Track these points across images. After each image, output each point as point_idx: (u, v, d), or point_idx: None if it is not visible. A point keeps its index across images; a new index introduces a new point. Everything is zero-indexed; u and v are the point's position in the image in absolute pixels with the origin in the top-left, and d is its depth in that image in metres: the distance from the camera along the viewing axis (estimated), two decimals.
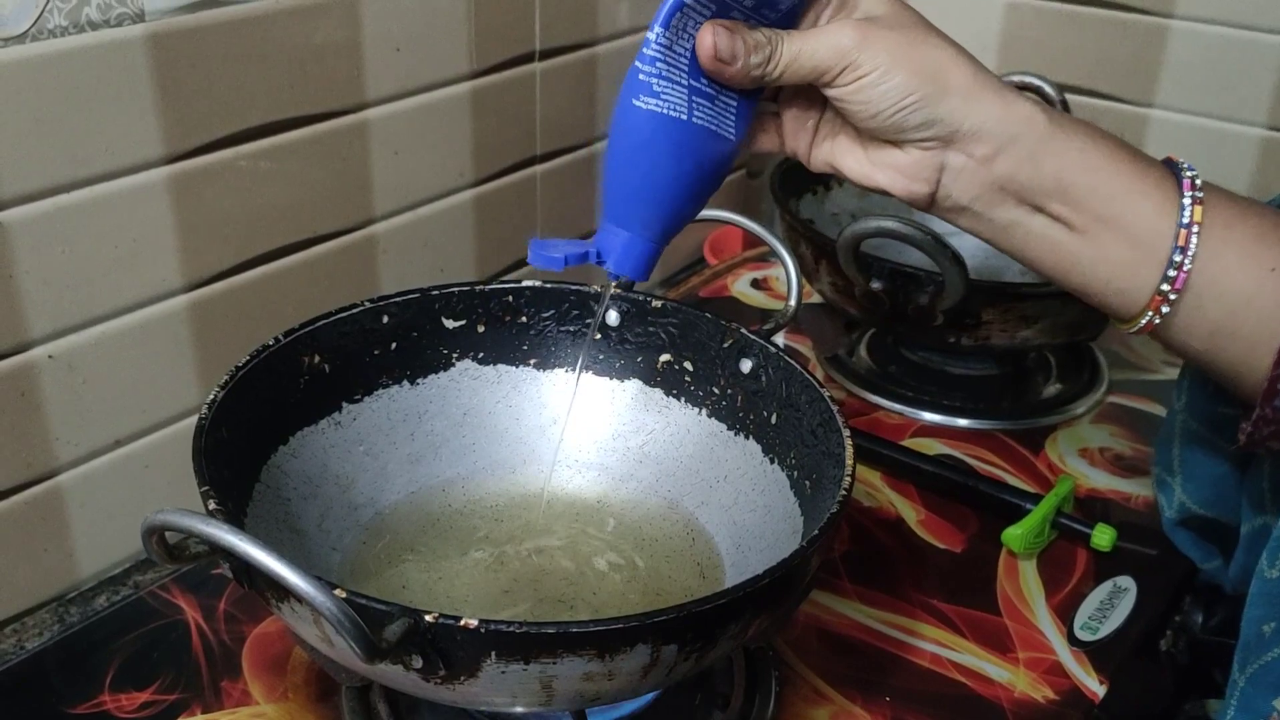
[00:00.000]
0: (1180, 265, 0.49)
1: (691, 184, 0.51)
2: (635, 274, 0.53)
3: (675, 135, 0.50)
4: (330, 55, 0.68)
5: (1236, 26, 0.94)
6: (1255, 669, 0.48)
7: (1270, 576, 0.49)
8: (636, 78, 0.49)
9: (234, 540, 0.37)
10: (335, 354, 0.57)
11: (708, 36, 0.48)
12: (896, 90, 0.48)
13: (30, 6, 0.54)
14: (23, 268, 0.57)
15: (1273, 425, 0.49)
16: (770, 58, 0.49)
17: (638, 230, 0.51)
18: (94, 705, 0.55)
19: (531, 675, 0.40)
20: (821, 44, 0.49)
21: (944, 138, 0.49)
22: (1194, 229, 0.48)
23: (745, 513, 0.57)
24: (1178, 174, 0.50)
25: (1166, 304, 0.49)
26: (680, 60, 0.49)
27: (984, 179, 0.50)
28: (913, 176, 0.51)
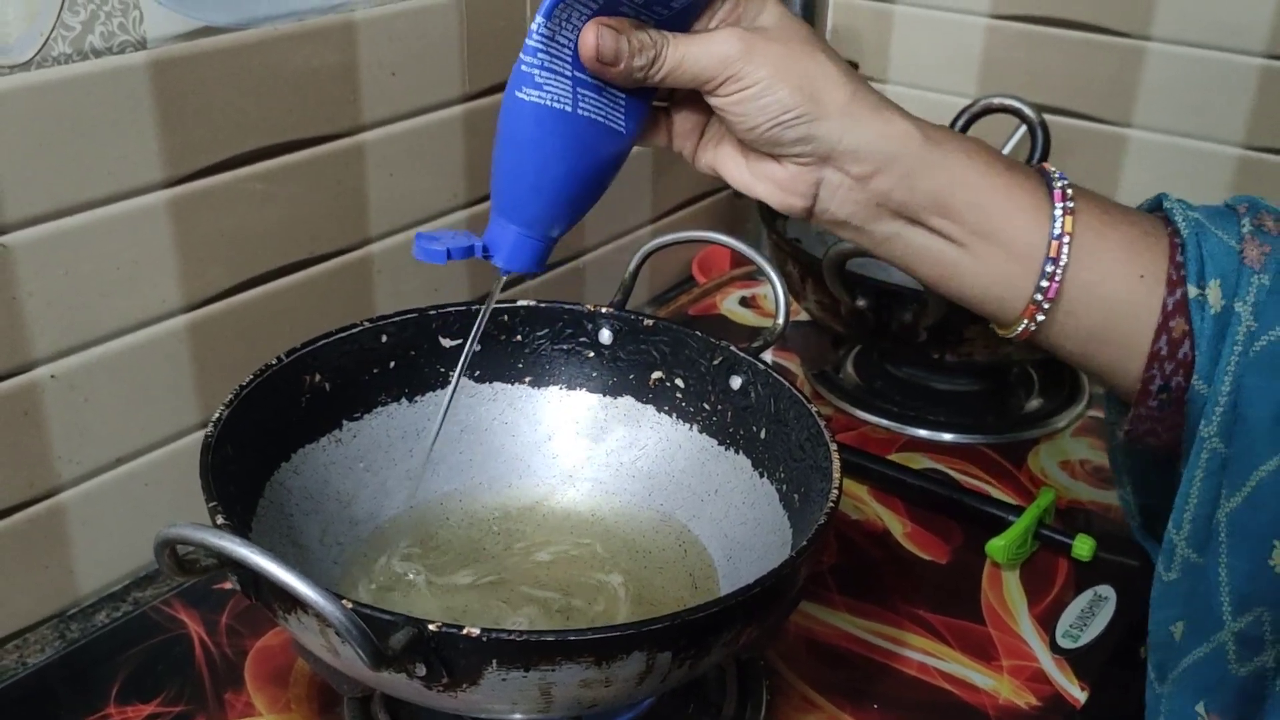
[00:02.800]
0: (1053, 275, 0.50)
1: (580, 178, 0.50)
2: (524, 268, 0.51)
3: (559, 127, 0.49)
4: (326, 80, 0.69)
5: (1212, 48, 0.96)
6: (1176, 675, 0.49)
7: (1169, 579, 0.51)
8: (519, 69, 0.48)
9: (245, 553, 0.38)
10: (336, 373, 0.58)
11: (590, 35, 0.47)
12: (775, 106, 0.48)
13: (35, 34, 0.55)
14: (26, 289, 0.58)
15: (1148, 423, 0.51)
16: (654, 60, 0.48)
17: (525, 224, 0.50)
18: (99, 718, 0.56)
19: (531, 682, 0.42)
20: (706, 51, 0.48)
21: (820, 155, 0.49)
22: (1065, 239, 0.49)
23: (736, 525, 0.58)
24: (1050, 184, 0.51)
25: (1041, 312, 0.50)
26: (564, 52, 0.48)
27: (861, 196, 0.50)
28: (789, 190, 0.51)
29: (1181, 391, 0.49)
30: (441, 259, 0.50)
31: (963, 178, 0.50)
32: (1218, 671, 0.49)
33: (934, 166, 0.50)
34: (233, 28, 0.63)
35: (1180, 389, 0.49)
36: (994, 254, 0.50)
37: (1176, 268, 0.49)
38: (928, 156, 0.49)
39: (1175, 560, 0.51)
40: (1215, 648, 0.48)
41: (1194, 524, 0.49)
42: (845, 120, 0.49)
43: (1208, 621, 0.49)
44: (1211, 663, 0.48)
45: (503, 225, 0.51)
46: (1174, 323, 0.49)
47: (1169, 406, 0.50)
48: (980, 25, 1.04)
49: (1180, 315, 0.49)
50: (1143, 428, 0.52)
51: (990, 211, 0.50)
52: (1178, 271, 0.49)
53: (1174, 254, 0.49)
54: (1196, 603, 0.49)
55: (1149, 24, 0.98)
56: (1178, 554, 0.50)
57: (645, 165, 0.98)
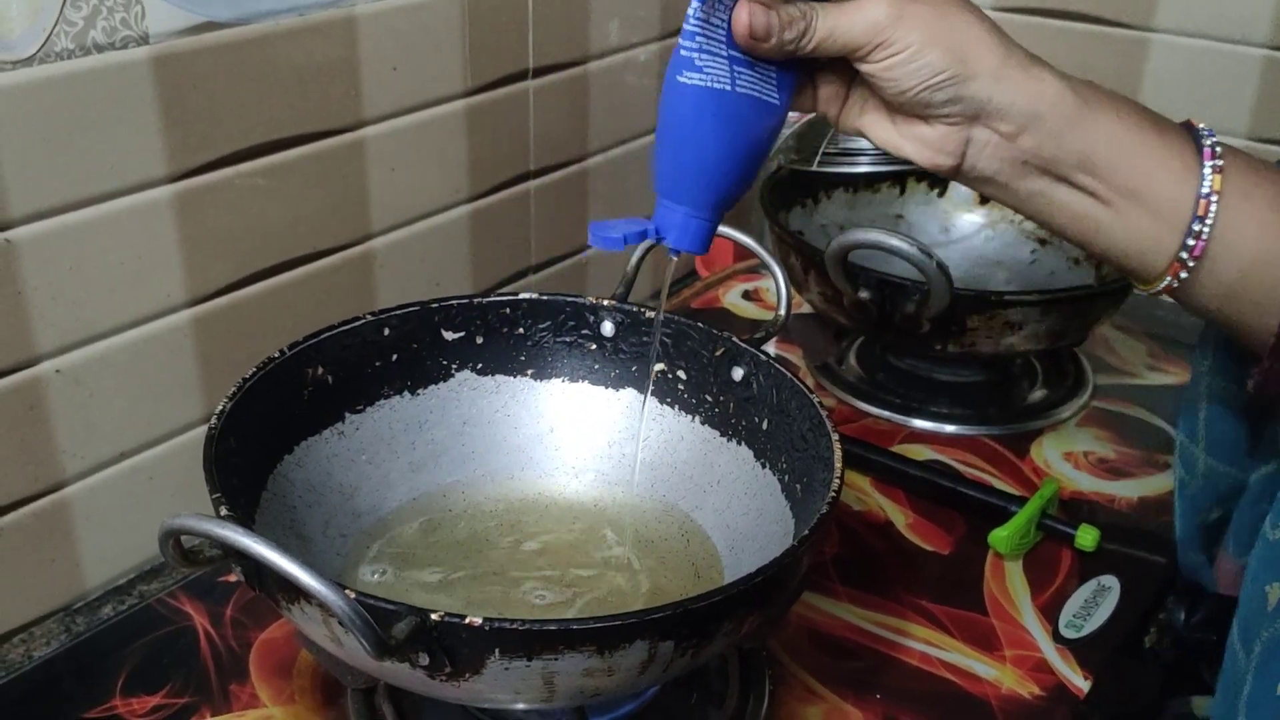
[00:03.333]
0: (1199, 234, 0.50)
1: (742, 154, 0.51)
2: (694, 248, 0.52)
3: (722, 106, 0.50)
4: (328, 75, 0.69)
5: (1215, 40, 0.96)
6: (1269, 635, 0.48)
7: (1274, 538, 0.49)
8: (679, 54, 0.49)
9: (249, 543, 0.38)
10: (338, 366, 0.58)
11: (743, 13, 0.48)
12: (926, 69, 0.49)
13: (38, 30, 0.55)
14: (31, 284, 0.58)
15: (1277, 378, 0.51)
16: (804, 33, 0.49)
17: (693, 205, 0.51)
18: (106, 709, 0.56)
19: (534, 671, 0.42)
20: (856, 20, 0.49)
21: (970, 115, 0.50)
22: (1213, 198, 0.50)
23: (738, 516, 0.58)
24: (1198, 141, 0.51)
25: (1185, 269, 0.51)
26: (718, 32, 0.49)
27: (1009, 154, 0.51)
28: (938, 149, 0.52)
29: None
30: (619, 246, 0.51)
31: (1111, 136, 0.50)
32: None
33: (1083, 125, 0.50)
34: (235, 23, 0.63)
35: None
36: (1140, 212, 0.51)
37: None
38: (1077, 115, 0.50)
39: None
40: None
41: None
42: (996, 80, 0.49)
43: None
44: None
45: (670, 207, 0.52)
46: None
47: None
48: None
49: None
50: (1274, 382, 0.51)
51: (1138, 170, 0.50)
52: None
53: None
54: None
55: (1152, 16, 0.98)
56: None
57: (647, 160, 0.98)
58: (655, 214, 0.52)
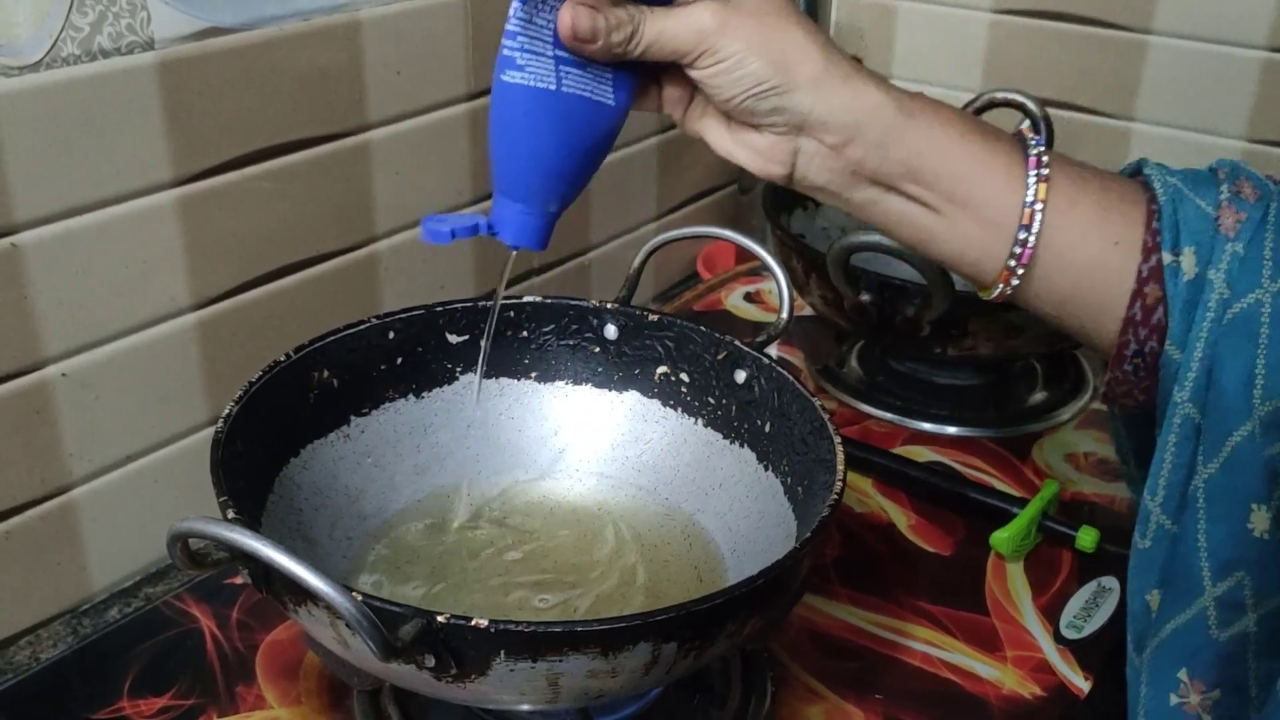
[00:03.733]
0: (1025, 242, 0.51)
1: (572, 152, 0.51)
2: (532, 244, 0.52)
3: (544, 105, 0.50)
4: (333, 79, 0.69)
5: (1214, 42, 0.96)
6: (1156, 644, 0.50)
7: (1144, 547, 0.51)
8: (502, 53, 0.49)
9: (257, 546, 0.38)
10: (344, 369, 0.59)
11: (566, 15, 0.48)
12: (748, 78, 0.49)
13: (44, 36, 0.55)
14: (37, 288, 0.58)
15: (1124, 386, 0.52)
16: (631, 35, 0.49)
17: (524, 200, 0.51)
18: (113, 710, 0.57)
19: (539, 673, 0.42)
20: (683, 25, 0.49)
21: (794, 125, 0.50)
22: (1038, 207, 0.50)
23: (740, 518, 0.59)
24: (1026, 150, 0.52)
25: (1015, 277, 0.51)
26: (544, 33, 0.49)
27: (836, 164, 0.51)
28: (769, 158, 0.52)
29: (1156, 356, 0.50)
30: (446, 239, 0.51)
31: (936, 146, 0.51)
32: (1199, 638, 0.49)
33: (906, 135, 0.50)
34: (239, 28, 0.63)
35: (1154, 354, 0.50)
36: (968, 220, 0.51)
37: (1152, 234, 0.50)
38: (900, 125, 0.50)
39: (1150, 527, 0.51)
40: (1195, 614, 0.49)
41: (1169, 490, 0.50)
42: (816, 91, 0.50)
43: (1187, 588, 0.49)
44: (1192, 629, 0.49)
45: (504, 203, 0.52)
46: (1148, 289, 0.50)
47: (1144, 371, 0.51)
48: (984, 20, 1.05)
49: (1155, 281, 0.49)
50: (1119, 390, 0.53)
51: (963, 179, 0.51)
52: (1153, 238, 0.50)
53: (1150, 220, 0.50)
54: (1174, 570, 0.49)
55: (1151, 18, 0.98)
56: (1153, 521, 0.51)
57: (650, 162, 0.98)
58: (491, 210, 0.53)
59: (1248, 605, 0.49)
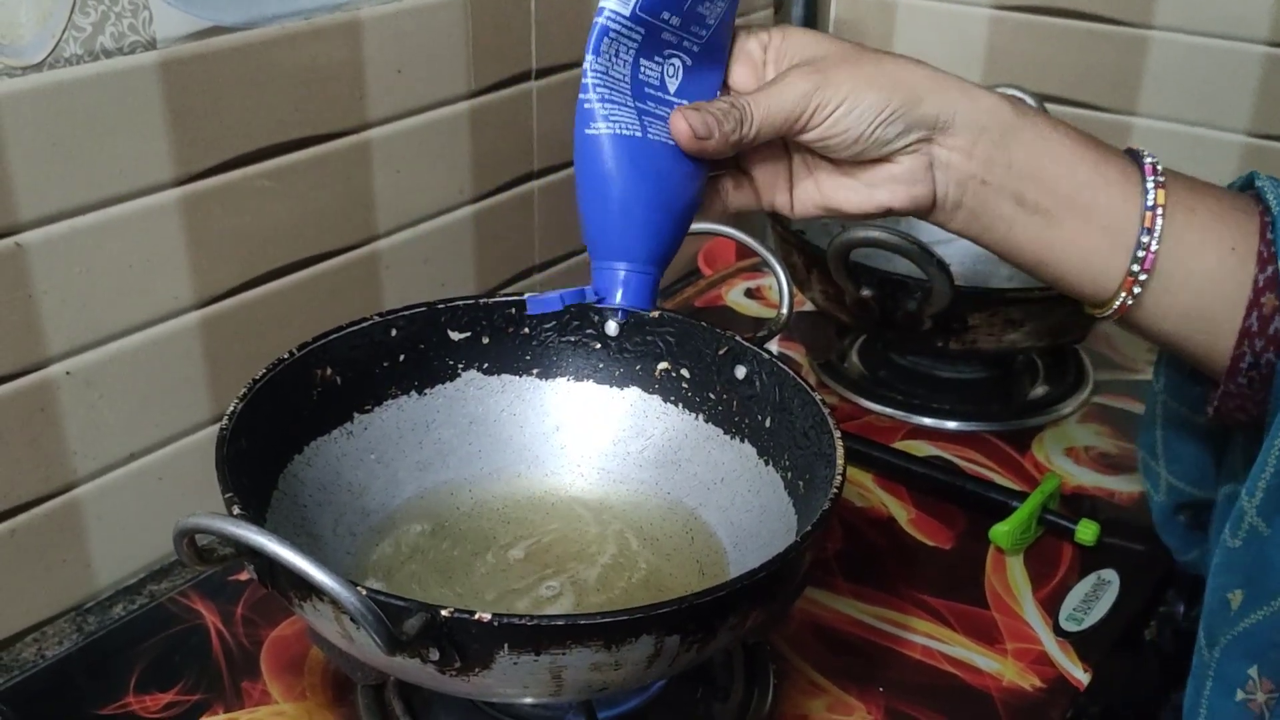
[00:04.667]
0: (1148, 246, 0.51)
1: (665, 202, 0.51)
2: (643, 304, 0.52)
3: (634, 152, 0.50)
4: (333, 78, 0.70)
5: (1215, 36, 0.96)
6: (1229, 639, 0.49)
7: (1233, 545, 0.51)
8: (582, 107, 0.49)
9: (263, 541, 0.39)
10: (346, 366, 0.59)
11: (680, 122, 0.50)
12: (871, 109, 0.50)
13: (47, 36, 0.56)
14: (41, 287, 0.59)
15: (1237, 399, 0.52)
16: (743, 120, 0.51)
17: (631, 258, 0.51)
18: (120, 706, 0.57)
19: (542, 666, 0.42)
20: (786, 94, 0.50)
21: (925, 136, 0.51)
22: (1158, 211, 0.51)
23: (742, 513, 0.59)
24: (1139, 160, 0.52)
25: (1138, 285, 0.51)
26: (621, 84, 0.50)
27: (968, 169, 0.52)
28: (911, 182, 0.53)
29: (1270, 368, 0.50)
30: (558, 305, 0.53)
31: (1052, 150, 0.52)
32: (1273, 637, 0.49)
33: (1026, 134, 0.51)
34: (241, 27, 0.64)
35: (1269, 365, 0.50)
36: (1089, 228, 0.52)
37: (1267, 245, 0.50)
38: (1017, 125, 0.51)
39: (1243, 528, 0.51)
40: (1273, 613, 0.48)
41: (1267, 493, 0.49)
42: (936, 98, 0.51)
43: (1267, 587, 0.49)
44: (1268, 628, 0.48)
45: (606, 267, 0.52)
46: (1265, 298, 0.50)
47: (1258, 383, 0.51)
48: (984, 16, 1.05)
49: (1271, 291, 0.49)
50: (1231, 404, 0.52)
51: (1083, 182, 0.51)
52: (1269, 248, 0.50)
53: (1264, 231, 0.50)
54: (1258, 570, 0.49)
55: (1152, 13, 0.98)
56: (1245, 521, 0.50)
57: None
58: (594, 279, 0.53)
59: None
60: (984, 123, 0.51)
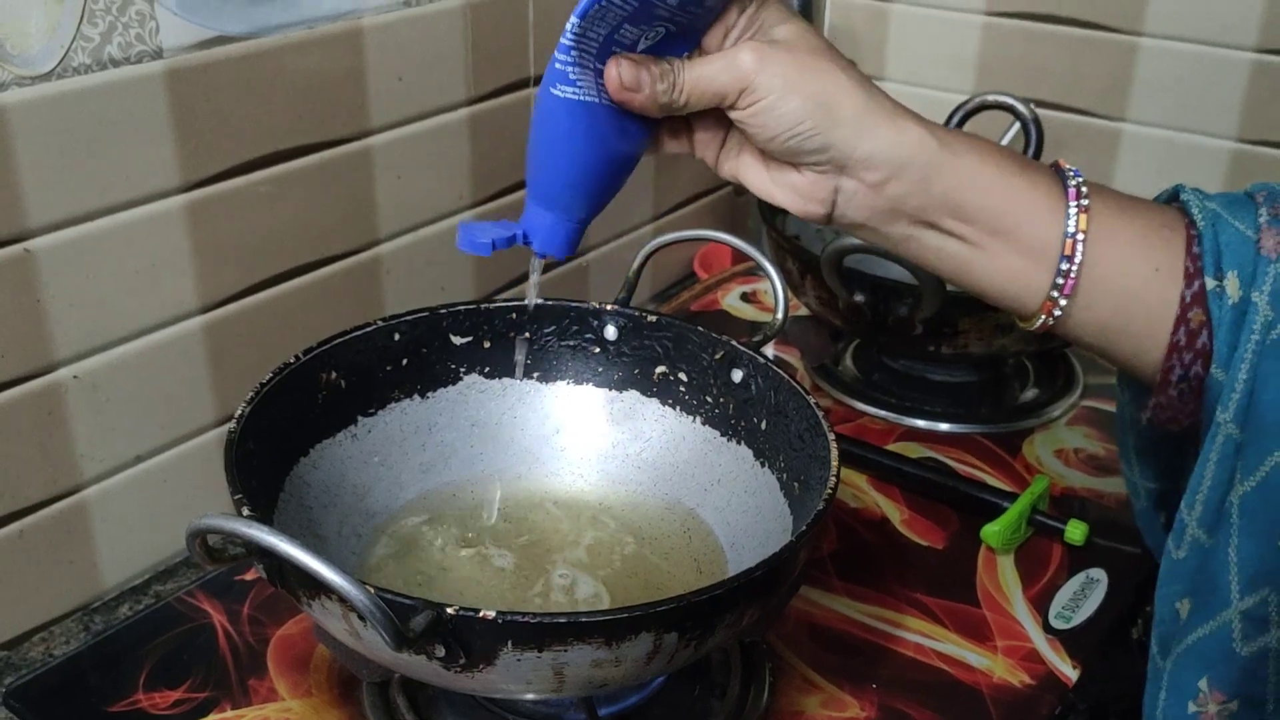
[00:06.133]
0: (1068, 273, 0.51)
1: (608, 164, 0.53)
2: (559, 252, 0.54)
3: (589, 118, 0.51)
4: (335, 85, 0.71)
5: (1205, 43, 0.97)
6: (1180, 651, 0.50)
7: (1177, 556, 0.52)
8: (554, 67, 0.50)
9: (274, 541, 0.40)
10: (351, 370, 0.60)
11: (613, 69, 0.50)
12: (790, 117, 0.49)
13: (56, 46, 0.57)
14: (49, 292, 0.59)
15: (1169, 410, 0.52)
16: (673, 85, 0.50)
17: (561, 210, 0.53)
18: (130, 704, 0.58)
19: (544, 662, 0.43)
20: (721, 68, 0.50)
21: (837, 164, 0.50)
22: (1079, 237, 0.50)
23: (738, 513, 0.60)
24: (1065, 181, 0.52)
25: (1057, 308, 0.51)
26: (593, 44, 0.50)
27: (877, 202, 0.51)
28: (809, 197, 0.52)
29: (1200, 380, 0.50)
30: (487, 250, 0.53)
31: (976, 181, 0.51)
32: (1222, 649, 0.49)
33: (948, 171, 0.50)
34: (245, 36, 0.65)
35: (1199, 378, 0.50)
36: (1009, 253, 0.51)
37: (1193, 259, 0.50)
38: (941, 162, 0.50)
39: (1185, 539, 0.51)
40: (1221, 625, 0.49)
41: (1206, 505, 0.50)
42: (859, 129, 0.49)
43: (1214, 600, 0.49)
44: (1216, 640, 0.49)
45: (538, 212, 0.54)
46: (1192, 314, 0.50)
47: (1189, 394, 0.51)
48: (976, 23, 1.06)
49: (1198, 306, 0.49)
50: (1164, 415, 0.53)
51: (1004, 212, 0.51)
52: (1194, 264, 0.50)
53: (1190, 246, 0.50)
54: (1204, 581, 0.50)
55: (1142, 20, 0.99)
56: (1188, 533, 0.51)
57: (647, 166, 0.99)
58: (523, 217, 0.54)
59: (1272, 621, 0.49)
60: (905, 158, 0.50)
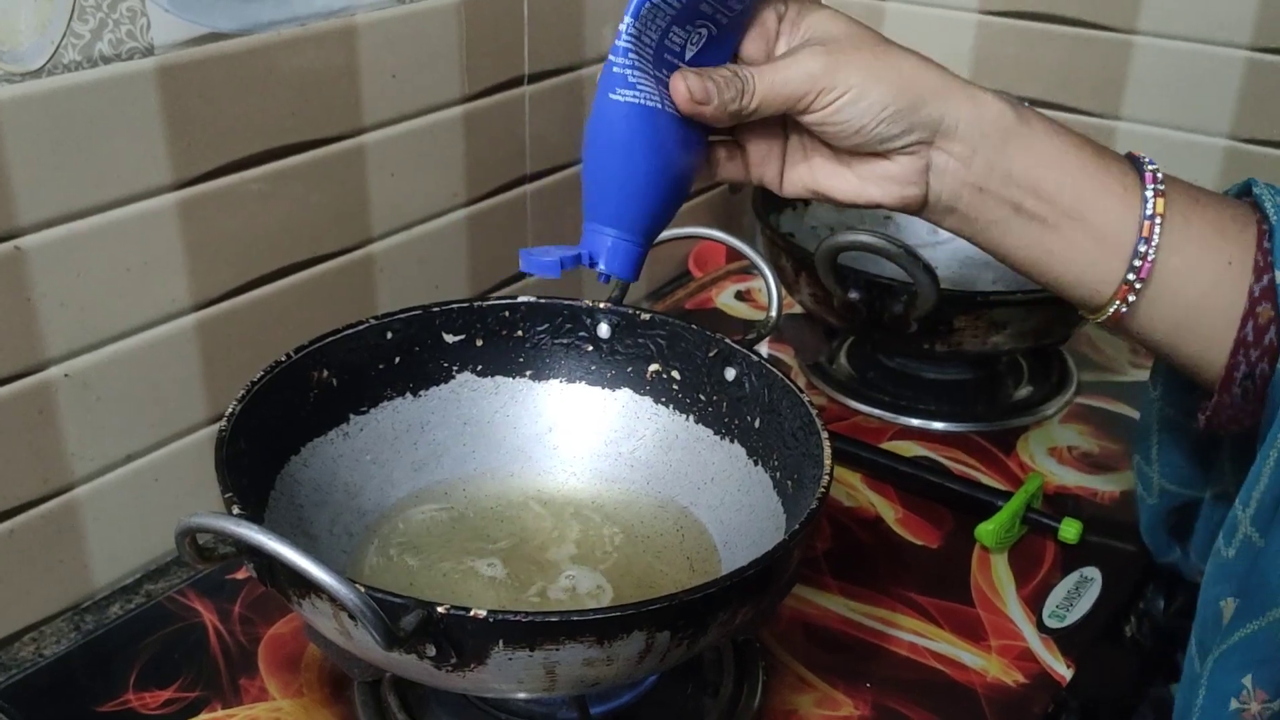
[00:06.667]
0: (1145, 255, 0.50)
1: (671, 175, 0.51)
2: (625, 273, 0.51)
3: (653, 124, 0.49)
4: (329, 83, 0.70)
5: (1199, 41, 0.98)
6: (1222, 650, 0.49)
7: (1227, 556, 0.51)
8: (611, 70, 0.48)
9: (264, 539, 0.40)
10: (343, 368, 0.60)
11: (680, 83, 0.49)
12: (876, 104, 0.50)
13: (46, 43, 0.56)
14: (40, 290, 0.59)
15: (1230, 410, 0.52)
16: (744, 91, 0.50)
17: (624, 227, 0.51)
18: (119, 704, 0.58)
19: (536, 661, 0.43)
20: (793, 73, 0.50)
21: (926, 140, 0.51)
22: (1157, 220, 0.50)
23: (732, 512, 0.60)
24: (1140, 167, 0.52)
25: (1133, 293, 0.51)
26: (648, 50, 0.48)
27: (965, 177, 0.52)
28: (905, 182, 0.52)
29: (1265, 379, 0.50)
30: (555, 270, 0.50)
31: (1054, 156, 0.51)
32: (1269, 647, 0.49)
33: (1027, 143, 0.51)
34: (237, 33, 0.64)
35: (1264, 377, 0.50)
36: (1086, 236, 0.52)
37: (1264, 254, 0.50)
38: (1021, 132, 0.51)
39: (1237, 538, 0.51)
40: (1269, 624, 0.48)
41: (1260, 504, 0.49)
42: (942, 102, 0.50)
43: (1262, 599, 0.49)
44: (1264, 639, 0.48)
45: (599, 231, 0.51)
46: (1260, 308, 0.49)
47: (1252, 393, 0.51)
48: (970, 21, 1.06)
49: (1267, 300, 0.49)
50: (1223, 416, 0.52)
51: (1082, 190, 0.51)
52: (1265, 258, 0.50)
53: (1261, 240, 0.50)
54: (1253, 580, 0.49)
55: (1136, 18, 0.99)
56: (1240, 532, 0.50)
57: None
58: (585, 238, 0.51)
59: None
60: (986, 129, 0.51)
